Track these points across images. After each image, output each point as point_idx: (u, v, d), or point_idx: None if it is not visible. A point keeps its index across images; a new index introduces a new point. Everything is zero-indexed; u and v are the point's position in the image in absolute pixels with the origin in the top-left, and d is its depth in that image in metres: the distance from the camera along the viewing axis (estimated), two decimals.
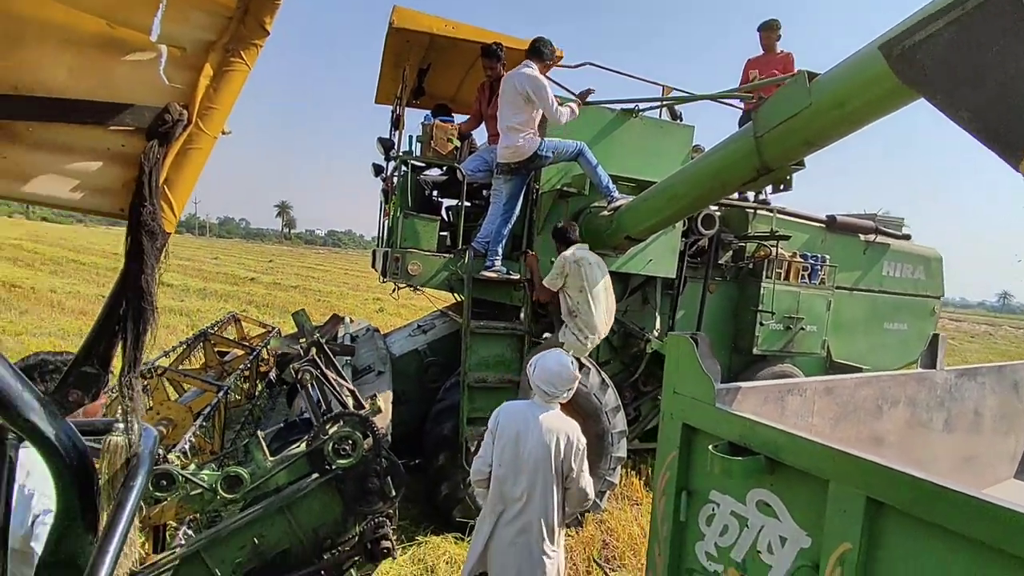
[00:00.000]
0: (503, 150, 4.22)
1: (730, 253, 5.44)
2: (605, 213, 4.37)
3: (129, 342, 0.85)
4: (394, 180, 5.23)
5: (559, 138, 4.28)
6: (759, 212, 5.49)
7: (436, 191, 5.28)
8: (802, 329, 5.40)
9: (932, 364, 2.85)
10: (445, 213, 5.62)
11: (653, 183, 4.02)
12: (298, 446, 2.21)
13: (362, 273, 30.73)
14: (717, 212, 5.03)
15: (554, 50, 4.28)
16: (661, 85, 4.95)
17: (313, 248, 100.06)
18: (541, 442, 2.47)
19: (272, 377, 4.83)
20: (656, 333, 5.08)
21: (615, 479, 4.45)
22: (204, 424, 3.34)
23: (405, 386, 4.70)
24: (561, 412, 2.61)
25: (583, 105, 4.33)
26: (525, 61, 4.17)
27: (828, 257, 5.64)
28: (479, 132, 5.35)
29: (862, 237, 6.00)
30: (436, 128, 4.80)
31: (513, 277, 4.39)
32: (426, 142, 4.82)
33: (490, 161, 4.61)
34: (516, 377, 4.13)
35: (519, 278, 4.41)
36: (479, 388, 4.12)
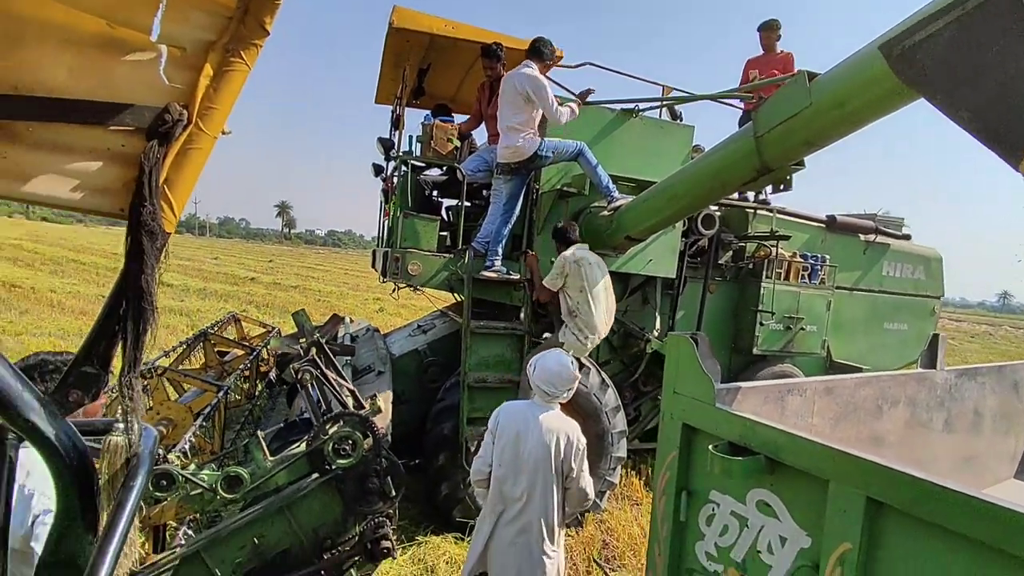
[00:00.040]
0: (503, 150, 4.22)
1: (730, 253, 5.44)
2: (605, 213, 4.37)
3: (129, 342, 0.85)
4: (394, 180, 5.23)
5: (559, 138, 4.28)
6: (759, 212, 5.49)
7: (436, 191, 5.28)
8: (802, 329, 5.39)
9: (932, 364, 2.85)
10: (445, 213, 5.62)
11: (653, 183, 4.02)
12: (298, 446, 2.21)
13: (362, 273, 30.73)
14: (717, 212, 5.03)
15: (554, 50, 4.28)
16: (661, 85, 4.95)
17: (313, 248, 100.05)
18: (541, 442, 2.47)
19: (272, 377, 4.83)
20: (656, 333, 5.08)
21: (615, 479, 4.45)
22: (204, 424, 3.34)
23: (405, 386, 4.71)
24: (561, 412, 2.61)
25: (583, 105, 4.33)
26: (525, 61, 4.17)
27: (828, 257, 5.65)
28: (479, 132, 5.35)
29: (862, 237, 6.00)
30: (436, 128, 4.80)
31: (513, 277, 4.39)
32: (426, 142, 4.82)
33: (490, 161, 4.61)
34: (516, 377, 4.13)
35: (519, 278, 4.41)
36: (479, 388, 4.12)
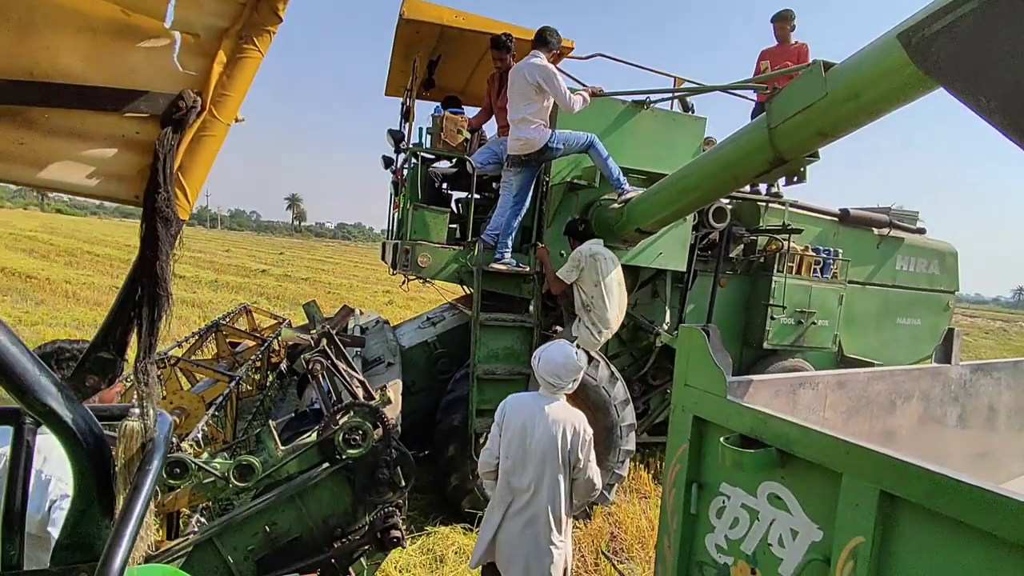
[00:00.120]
0: (513, 142, 4.20)
1: (741, 246, 5.39)
2: (616, 206, 4.34)
3: (144, 328, 0.85)
4: (404, 172, 5.23)
5: (570, 130, 4.26)
6: (771, 205, 5.43)
7: (446, 183, 5.28)
8: (813, 323, 5.34)
9: (946, 359, 2.82)
10: (455, 205, 5.62)
11: (664, 175, 3.99)
12: (309, 436, 2.22)
13: (371, 266, 30.84)
14: (728, 205, 4.98)
15: (561, 39, 4.25)
16: (673, 76, 4.91)
17: (323, 241, 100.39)
18: (548, 433, 2.47)
19: (283, 368, 4.86)
20: (666, 327, 5.06)
21: (623, 472, 4.46)
22: (216, 413, 3.37)
23: (415, 377, 4.73)
24: (567, 403, 2.61)
25: (594, 96, 4.30)
26: (533, 51, 4.15)
27: (840, 251, 5.59)
28: (489, 124, 5.33)
29: (875, 231, 5.92)
30: (446, 120, 4.78)
31: (523, 270, 4.39)
32: (436, 134, 4.81)
33: (500, 153, 4.60)
34: (525, 369, 4.13)
35: (529, 270, 4.40)
36: (488, 380, 4.13)
